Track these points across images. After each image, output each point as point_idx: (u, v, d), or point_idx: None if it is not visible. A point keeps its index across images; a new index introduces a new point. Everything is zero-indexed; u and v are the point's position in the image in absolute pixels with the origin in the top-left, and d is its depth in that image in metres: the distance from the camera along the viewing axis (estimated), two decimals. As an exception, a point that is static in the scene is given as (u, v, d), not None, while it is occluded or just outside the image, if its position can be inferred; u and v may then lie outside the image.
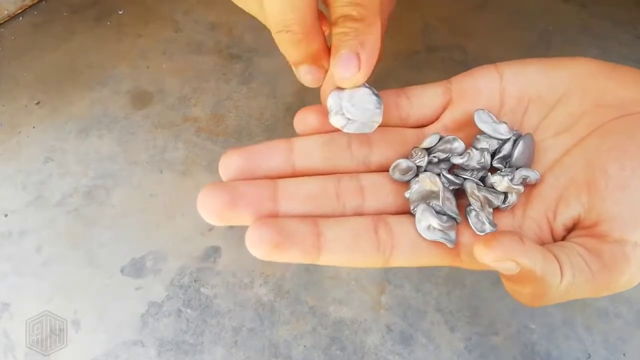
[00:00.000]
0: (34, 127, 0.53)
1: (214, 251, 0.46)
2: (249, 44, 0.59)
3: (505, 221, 0.25)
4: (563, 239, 0.24)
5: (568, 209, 0.23)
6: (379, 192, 0.25)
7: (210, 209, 0.23)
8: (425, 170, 0.26)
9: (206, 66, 0.57)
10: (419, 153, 0.26)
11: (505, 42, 0.58)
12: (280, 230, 0.22)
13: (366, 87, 0.25)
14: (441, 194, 0.24)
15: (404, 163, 0.26)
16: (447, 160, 0.26)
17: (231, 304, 0.43)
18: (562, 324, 0.41)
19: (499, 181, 0.24)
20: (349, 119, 0.25)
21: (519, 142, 0.25)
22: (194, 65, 0.57)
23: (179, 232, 0.47)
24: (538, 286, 0.21)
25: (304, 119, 0.27)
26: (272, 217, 0.23)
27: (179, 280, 0.45)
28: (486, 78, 0.27)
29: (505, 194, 0.25)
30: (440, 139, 0.26)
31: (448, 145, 0.26)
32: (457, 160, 0.25)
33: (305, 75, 0.27)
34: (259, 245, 0.22)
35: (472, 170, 0.26)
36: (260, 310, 0.43)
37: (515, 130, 0.26)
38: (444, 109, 0.28)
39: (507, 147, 0.25)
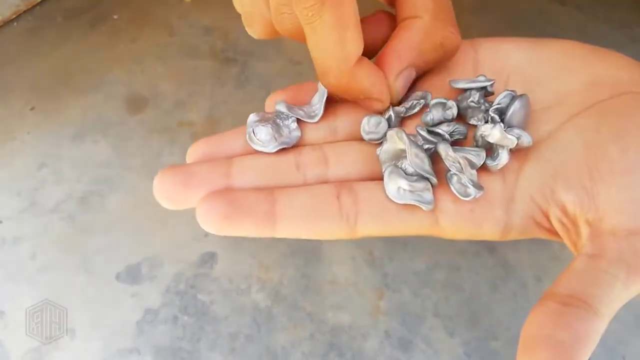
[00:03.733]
0: (28, 133, 0.53)
1: (210, 257, 0.45)
2: (244, 47, 0.59)
3: (493, 186, 0.23)
4: (560, 220, 0.22)
5: (569, 191, 0.22)
6: (345, 159, 0.24)
7: (164, 192, 0.22)
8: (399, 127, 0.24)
9: (201, 70, 0.57)
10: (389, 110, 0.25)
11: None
12: (231, 202, 0.21)
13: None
14: (409, 151, 0.22)
15: (372, 117, 0.24)
16: (416, 109, 0.25)
17: (228, 310, 0.43)
18: (561, 328, 0.41)
19: (488, 130, 0.22)
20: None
21: (516, 99, 0.23)
22: (189, 70, 0.57)
23: (175, 238, 0.46)
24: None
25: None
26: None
27: (175, 287, 0.44)
28: (460, 52, 0.26)
29: (491, 149, 0.23)
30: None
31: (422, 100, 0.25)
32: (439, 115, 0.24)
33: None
34: (208, 219, 0.21)
35: (450, 121, 0.24)
36: (257, 317, 0.43)
37: (510, 89, 0.24)
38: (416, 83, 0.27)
39: (504, 100, 0.23)
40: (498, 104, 0.23)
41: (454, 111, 0.24)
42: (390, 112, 0.24)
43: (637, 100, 0.23)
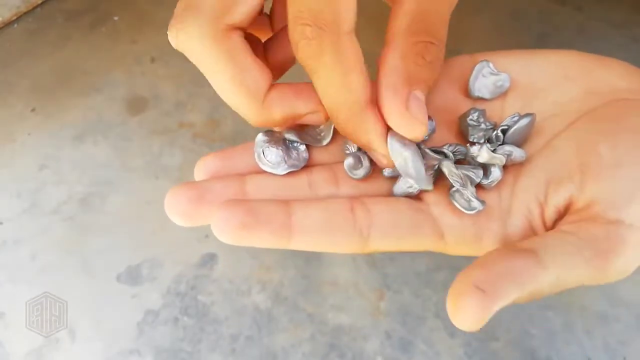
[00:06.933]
0: (29, 134, 0.53)
1: (211, 258, 0.45)
2: (244, 49, 0.59)
3: (490, 201, 0.23)
4: (555, 223, 0.23)
5: (560, 190, 0.22)
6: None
7: (177, 207, 0.22)
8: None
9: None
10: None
11: (502, 45, 0.58)
12: (248, 210, 0.21)
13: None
14: (410, 159, 0.23)
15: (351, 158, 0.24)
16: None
17: (228, 311, 0.43)
18: (562, 329, 0.41)
19: (477, 151, 0.23)
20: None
21: (521, 119, 0.24)
22: (189, 71, 0.57)
23: (175, 239, 0.46)
24: (522, 298, 0.20)
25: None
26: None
27: (176, 288, 0.44)
28: (460, 67, 0.27)
29: (486, 167, 0.24)
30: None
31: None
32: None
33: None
34: (225, 228, 0.21)
35: (450, 144, 0.25)
36: (257, 318, 0.43)
37: (517, 112, 0.25)
38: None
39: (511, 122, 0.24)
40: (505, 125, 0.24)
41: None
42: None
43: (628, 106, 0.23)
